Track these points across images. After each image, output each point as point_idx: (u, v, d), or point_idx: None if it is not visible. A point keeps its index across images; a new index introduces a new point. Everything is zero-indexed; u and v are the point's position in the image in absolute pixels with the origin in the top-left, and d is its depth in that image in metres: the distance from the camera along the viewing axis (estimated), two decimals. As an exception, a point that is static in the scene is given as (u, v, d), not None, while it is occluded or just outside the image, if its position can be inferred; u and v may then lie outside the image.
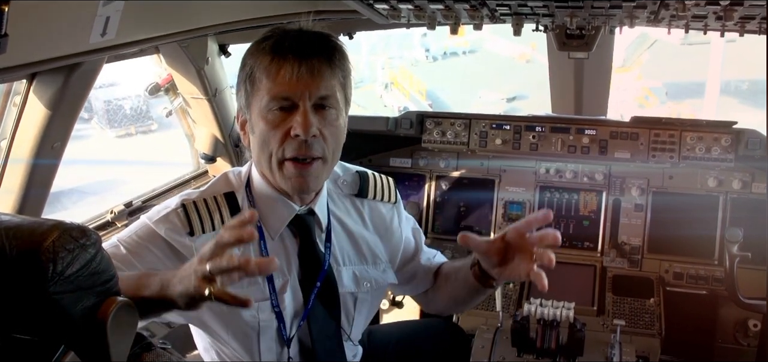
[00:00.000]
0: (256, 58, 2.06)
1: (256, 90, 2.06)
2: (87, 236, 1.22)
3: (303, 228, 2.24)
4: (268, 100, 2.02)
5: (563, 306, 2.76)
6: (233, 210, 2.16)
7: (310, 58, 2.02)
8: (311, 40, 2.07)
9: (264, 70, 2.03)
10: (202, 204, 2.13)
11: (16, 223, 1.20)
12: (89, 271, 1.22)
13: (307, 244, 2.25)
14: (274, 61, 2.02)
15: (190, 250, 2.06)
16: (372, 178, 2.44)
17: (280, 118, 2.03)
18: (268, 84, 2.02)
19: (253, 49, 2.10)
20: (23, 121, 2.57)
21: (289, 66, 2.00)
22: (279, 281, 2.20)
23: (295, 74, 1.99)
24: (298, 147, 2.03)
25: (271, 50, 2.03)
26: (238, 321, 2.17)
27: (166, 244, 2.06)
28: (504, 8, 2.42)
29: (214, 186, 2.25)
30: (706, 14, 2.31)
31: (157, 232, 2.07)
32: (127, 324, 1.33)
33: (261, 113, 2.05)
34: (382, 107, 27.21)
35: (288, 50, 2.01)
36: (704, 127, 3.78)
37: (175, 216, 2.09)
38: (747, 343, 3.81)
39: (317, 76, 2.02)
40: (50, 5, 1.85)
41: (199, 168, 4.33)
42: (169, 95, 4.01)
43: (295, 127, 2.01)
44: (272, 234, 2.20)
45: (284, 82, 2.00)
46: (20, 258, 1.15)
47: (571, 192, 4.07)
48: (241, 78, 2.12)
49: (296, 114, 2.01)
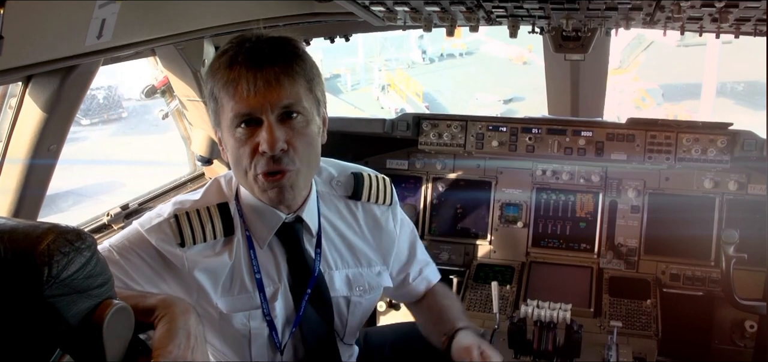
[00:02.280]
0: (215, 75, 1.99)
1: (220, 107, 2.01)
2: (82, 239, 1.22)
3: (290, 235, 2.22)
4: (232, 117, 1.97)
5: (560, 307, 2.76)
6: (226, 221, 2.14)
7: (266, 67, 1.94)
8: (265, 49, 1.97)
9: (222, 87, 1.97)
10: (194, 214, 2.10)
11: (12, 226, 1.19)
12: (85, 274, 1.21)
13: (296, 251, 2.23)
14: (231, 77, 1.94)
15: (180, 260, 2.05)
16: (368, 180, 2.41)
17: (246, 134, 1.98)
18: (230, 102, 1.95)
19: (213, 64, 2.02)
20: (19, 123, 2.56)
21: (244, 81, 1.92)
22: (270, 289, 2.19)
23: (253, 88, 1.92)
24: (267, 163, 1.99)
25: (228, 66, 1.95)
26: (229, 329, 2.17)
27: (156, 253, 2.05)
28: (500, 10, 2.42)
29: (207, 195, 2.22)
30: (701, 16, 2.32)
31: (148, 241, 2.05)
32: (123, 327, 1.33)
33: (229, 131, 2.00)
34: (379, 109, 27.26)
35: (242, 63, 1.94)
36: (700, 129, 3.79)
37: (167, 226, 2.07)
38: (744, 344, 3.82)
39: (277, 86, 1.94)
40: (46, 7, 1.85)
41: (195, 170, 4.33)
42: (165, 97, 4.00)
43: (261, 144, 1.95)
44: (261, 244, 2.18)
45: (243, 98, 1.92)
46: (15, 261, 1.15)
47: (568, 193, 4.07)
48: (207, 95, 2.06)
49: (262, 129, 1.96)
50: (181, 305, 1.57)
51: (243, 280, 2.15)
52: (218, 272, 2.11)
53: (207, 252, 2.10)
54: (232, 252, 2.13)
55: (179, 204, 2.14)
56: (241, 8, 2.77)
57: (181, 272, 2.05)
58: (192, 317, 1.55)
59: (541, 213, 4.11)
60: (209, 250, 2.10)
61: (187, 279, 2.06)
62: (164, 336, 1.47)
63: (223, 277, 2.12)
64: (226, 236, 2.12)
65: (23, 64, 1.99)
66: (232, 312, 2.13)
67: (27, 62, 2.00)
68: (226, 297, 2.13)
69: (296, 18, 3.03)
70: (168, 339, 1.47)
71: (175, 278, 2.06)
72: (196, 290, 2.08)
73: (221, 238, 2.12)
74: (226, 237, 2.13)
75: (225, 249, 2.12)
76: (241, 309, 2.15)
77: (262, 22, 2.19)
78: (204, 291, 2.09)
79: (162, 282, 2.04)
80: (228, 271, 2.13)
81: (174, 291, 2.04)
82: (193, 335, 1.52)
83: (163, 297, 1.62)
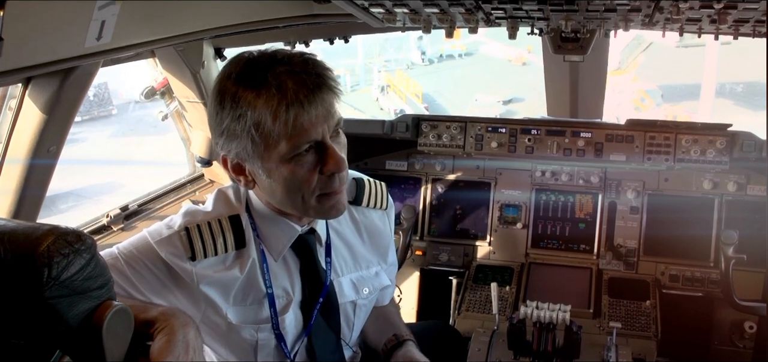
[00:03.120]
0: (259, 109, 1.89)
1: (270, 140, 1.92)
2: (82, 241, 1.22)
3: (305, 247, 2.22)
4: (291, 147, 1.92)
5: (559, 308, 2.76)
6: (237, 234, 2.12)
7: (317, 92, 1.92)
8: (309, 72, 1.94)
9: (275, 119, 1.88)
10: (205, 227, 2.08)
11: (12, 228, 1.19)
12: (84, 276, 1.22)
13: (309, 263, 2.23)
14: (287, 109, 1.87)
15: (190, 275, 2.04)
16: (368, 185, 2.43)
17: (307, 161, 1.96)
18: (286, 133, 1.90)
19: (247, 96, 1.90)
20: (19, 125, 2.57)
21: (306, 111, 1.89)
22: (282, 301, 2.18)
23: (313, 116, 1.90)
24: (334, 181, 2.01)
25: (278, 98, 1.88)
26: (238, 339, 2.16)
27: (165, 266, 2.03)
28: (499, 12, 2.42)
29: (217, 206, 2.18)
30: (700, 17, 2.32)
31: (157, 253, 2.03)
32: (123, 328, 1.33)
33: (283, 160, 1.95)
34: (378, 110, 27.25)
35: (296, 94, 1.89)
36: (699, 130, 3.79)
37: (178, 239, 2.05)
38: (743, 345, 3.82)
39: (329, 108, 1.95)
40: (46, 9, 1.85)
41: (195, 171, 4.33)
42: (164, 99, 4.01)
43: (329, 165, 1.96)
44: (275, 257, 2.17)
45: (303, 128, 1.90)
46: (15, 262, 1.15)
47: (567, 194, 4.08)
48: (241, 128, 1.92)
49: (324, 153, 1.96)
50: (181, 317, 1.58)
51: (255, 293, 2.14)
52: (229, 285, 2.10)
53: (217, 266, 2.08)
54: (244, 265, 2.11)
55: (190, 215, 2.11)
56: (240, 10, 2.77)
57: (189, 286, 2.04)
58: (191, 330, 1.56)
59: (540, 214, 4.11)
60: (220, 264, 2.08)
61: (194, 293, 2.05)
62: (163, 348, 1.49)
63: (234, 290, 2.11)
64: (237, 249, 2.11)
65: (23, 66, 1.99)
66: (242, 324, 2.13)
67: (27, 64, 2.00)
68: (238, 307, 2.12)
69: (295, 19, 3.03)
70: (167, 351, 1.48)
71: (182, 291, 2.04)
72: (204, 302, 2.07)
73: (232, 252, 2.10)
74: (237, 250, 2.11)
75: (236, 263, 2.11)
76: (251, 322, 2.14)
77: (262, 24, 2.19)
78: (213, 303, 2.08)
79: (169, 293, 2.03)
80: (239, 284, 2.11)
81: (181, 302, 2.03)
82: (191, 348, 1.53)
83: (164, 309, 1.62)
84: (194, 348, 1.54)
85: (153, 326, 1.53)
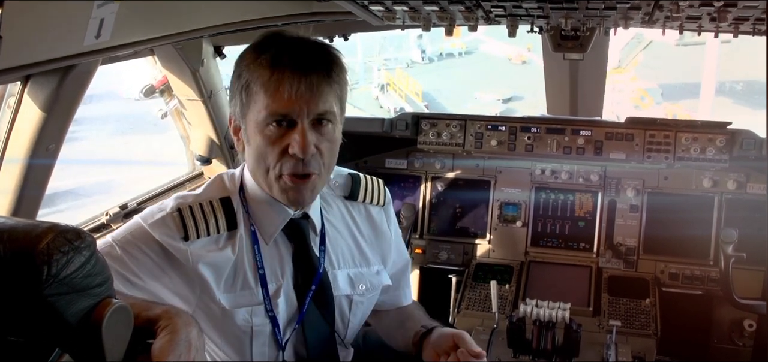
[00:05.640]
0: (253, 71, 1.99)
1: (253, 102, 2.01)
2: (82, 238, 1.22)
3: (297, 232, 2.23)
4: (266, 115, 1.98)
5: (559, 307, 2.77)
6: (229, 215, 2.13)
7: (310, 73, 1.96)
8: (311, 53, 2.01)
9: (262, 84, 1.97)
10: (197, 208, 2.10)
11: (11, 225, 1.19)
12: (84, 273, 1.21)
13: (302, 248, 2.24)
14: (273, 76, 1.95)
15: (184, 255, 2.05)
16: (364, 181, 2.44)
17: (277, 133, 1.99)
18: (266, 100, 1.97)
19: (250, 58, 2.02)
20: (18, 123, 2.56)
21: (288, 82, 1.93)
22: (273, 286, 2.18)
23: (295, 91, 1.94)
24: (295, 165, 2.01)
25: (270, 64, 1.96)
26: (231, 326, 2.16)
27: (160, 247, 2.04)
28: (499, 10, 2.42)
29: (210, 189, 2.22)
30: (700, 15, 2.32)
31: (151, 235, 2.05)
32: (123, 326, 1.32)
33: (258, 127, 2.01)
34: (378, 109, 27.23)
35: (287, 65, 1.95)
36: (699, 128, 3.80)
37: (171, 219, 2.07)
38: (743, 343, 3.82)
39: (316, 92, 1.97)
40: (44, 7, 1.84)
41: (194, 170, 4.33)
42: (164, 97, 4.00)
43: (293, 146, 1.97)
44: (266, 239, 2.18)
45: (283, 99, 1.95)
46: (15, 260, 1.15)
47: (567, 193, 4.08)
48: (237, 87, 2.04)
49: (294, 131, 1.98)
50: (184, 316, 1.59)
51: (246, 276, 2.15)
52: (221, 267, 2.10)
53: (210, 246, 2.09)
54: (236, 246, 2.12)
55: (181, 198, 2.14)
56: (239, 8, 2.77)
57: (185, 267, 2.05)
58: (194, 329, 1.58)
59: (540, 213, 4.12)
60: (213, 245, 2.10)
61: (190, 274, 2.06)
62: (165, 346, 1.50)
63: (226, 272, 2.11)
64: (229, 230, 2.12)
65: (22, 64, 1.99)
66: (234, 308, 2.12)
67: (25, 62, 2.00)
68: (229, 293, 2.12)
69: (295, 18, 3.03)
70: (169, 350, 1.49)
71: (178, 272, 2.05)
72: (199, 285, 2.07)
73: (224, 233, 2.11)
74: (229, 231, 2.12)
75: (228, 244, 2.12)
76: (244, 304, 2.14)
77: (261, 21, 2.20)
78: (207, 286, 2.08)
79: (164, 276, 2.03)
80: (231, 266, 2.12)
81: (177, 285, 2.04)
82: (194, 347, 1.54)
83: (167, 307, 1.64)
84: (196, 347, 1.55)
85: (156, 323, 1.54)
